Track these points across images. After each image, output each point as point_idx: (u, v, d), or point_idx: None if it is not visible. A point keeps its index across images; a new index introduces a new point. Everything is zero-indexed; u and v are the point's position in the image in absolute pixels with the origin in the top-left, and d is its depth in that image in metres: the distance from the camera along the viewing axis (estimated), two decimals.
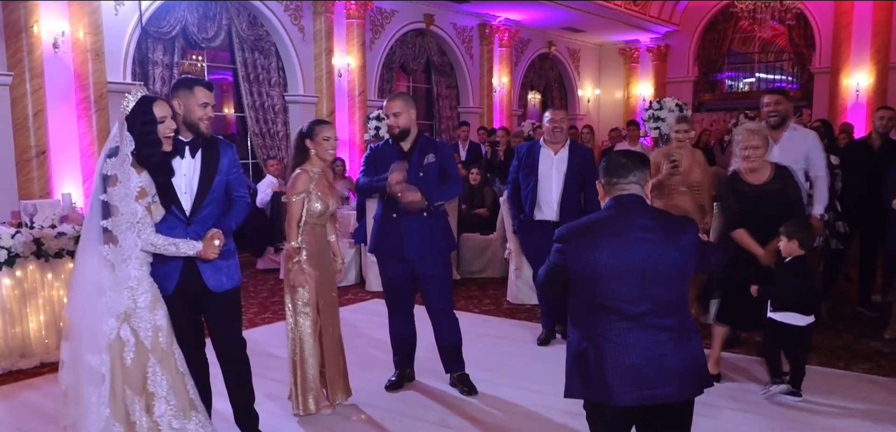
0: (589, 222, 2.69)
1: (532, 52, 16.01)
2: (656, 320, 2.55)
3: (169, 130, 3.35)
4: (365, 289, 7.98)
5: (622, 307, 2.55)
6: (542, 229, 5.50)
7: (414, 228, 4.52)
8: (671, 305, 2.58)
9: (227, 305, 3.75)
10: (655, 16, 16.11)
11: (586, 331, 2.62)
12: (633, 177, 2.67)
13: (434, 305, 4.70)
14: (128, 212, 3.23)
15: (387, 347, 4.95)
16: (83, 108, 8.29)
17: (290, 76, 11.09)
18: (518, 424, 4.26)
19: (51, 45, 7.96)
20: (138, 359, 3.28)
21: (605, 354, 2.55)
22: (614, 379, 2.53)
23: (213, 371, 3.93)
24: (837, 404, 4.46)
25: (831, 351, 5.28)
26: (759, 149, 4.51)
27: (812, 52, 15.41)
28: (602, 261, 2.55)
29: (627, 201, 2.65)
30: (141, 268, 3.33)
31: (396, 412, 4.43)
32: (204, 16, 9.77)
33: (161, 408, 3.30)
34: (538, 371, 5.16)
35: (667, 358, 2.54)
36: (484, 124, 13.48)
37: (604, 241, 2.57)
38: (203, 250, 3.43)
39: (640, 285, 2.54)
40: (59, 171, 8.13)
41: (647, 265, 2.55)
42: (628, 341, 2.54)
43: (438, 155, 4.62)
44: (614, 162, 2.71)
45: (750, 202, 4.55)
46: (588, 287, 2.59)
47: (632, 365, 2.53)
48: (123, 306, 3.25)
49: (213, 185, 3.62)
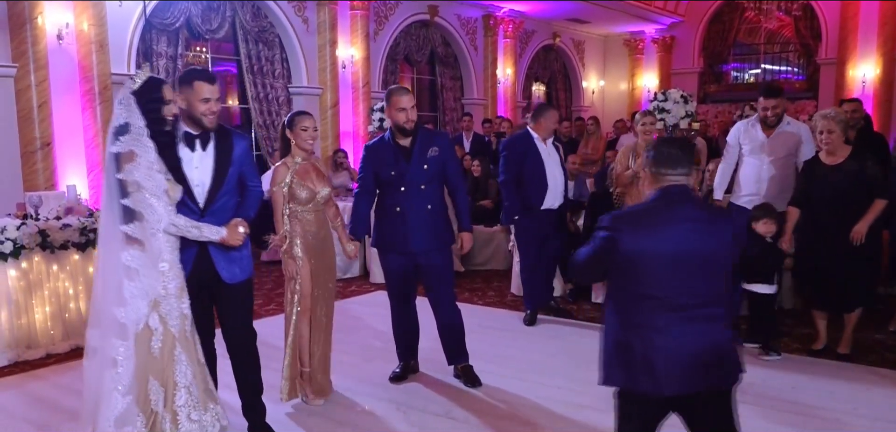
0: (639, 210, 2.71)
1: (536, 43, 15.96)
2: (703, 310, 2.57)
3: (170, 114, 3.37)
4: (369, 281, 7.99)
5: (670, 296, 2.56)
6: (543, 216, 5.95)
7: (417, 221, 4.52)
8: (716, 295, 2.61)
9: (239, 296, 3.76)
10: (661, 7, 16.03)
11: (630, 320, 2.62)
12: (683, 169, 2.66)
13: (437, 297, 4.70)
14: (151, 185, 3.20)
15: (390, 339, 4.96)
16: (87, 100, 8.30)
17: (294, 68, 11.08)
18: (522, 415, 4.26)
19: (55, 36, 7.96)
20: (165, 348, 3.28)
21: (654, 344, 2.55)
22: (663, 368, 2.53)
23: (220, 363, 3.94)
24: (841, 396, 4.45)
25: (836, 343, 5.27)
26: (834, 133, 4.85)
27: (818, 44, 15.32)
28: (652, 249, 2.56)
29: (676, 192, 2.64)
30: (173, 253, 3.33)
31: (401, 403, 4.44)
32: (208, 7, 9.77)
33: (182, 398, 3.30)
34: (542, 362, 5.17)
35: (713, 348, 2.57)
36: (488, 116, 13.45)
37: (654, 230, 2.58)
38: (227, 236, 3.45)
39: (690, 275, 2.56)
40: (64, 163, 8.14)
41: (697, 256, 2.57)
42: (677, 331, 2.55)
43: (442, 149, 4.60)
44: (665, 153, 2.69)
45: (825, 181, 4.93)
46: (635, 275, 2.59)
47: (680, 354, 2.54)
48: (155, 292, 3.25)
49: (228, 176, 3.62)
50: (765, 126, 5.35)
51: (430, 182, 4.54)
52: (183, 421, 3.29)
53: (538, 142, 5.97)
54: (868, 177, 4.85)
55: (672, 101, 8.76)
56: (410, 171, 4.50)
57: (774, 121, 5.31)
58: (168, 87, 3.39)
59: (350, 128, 11.61)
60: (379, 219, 4.70)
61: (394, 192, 4.53)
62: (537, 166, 5.89)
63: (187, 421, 3.30)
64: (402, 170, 4.51)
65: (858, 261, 4.93)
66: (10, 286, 5.31)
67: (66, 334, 5.57)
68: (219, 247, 3.59)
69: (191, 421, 3.31)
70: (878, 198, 4.85)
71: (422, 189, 4.52)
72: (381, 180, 4.60)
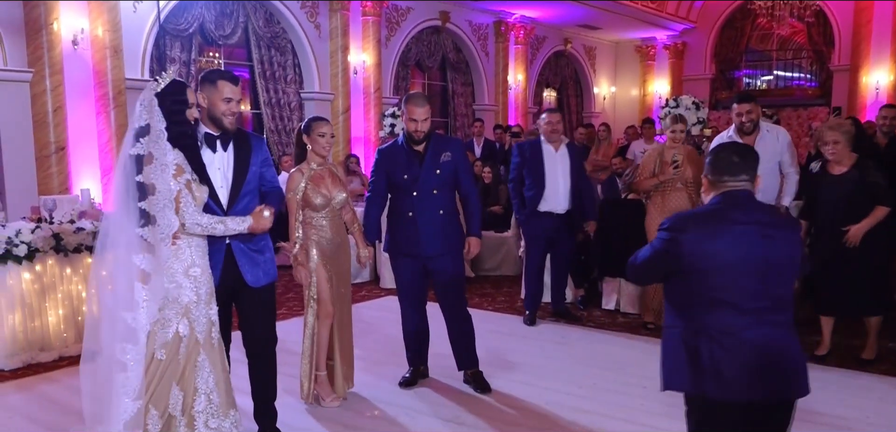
0: (704, 212, 2.64)
1: (548, 49, 15.96)
2: (772, 316, 2.53)
3: (191, 118, 3.37)
4: (379, 286, 8.01)
5: (739, 301, 2.50)
6: (546, 218, 6.10)
7: (429, 226, 4.53)
8: (785, 301, 2.57)
9: (262, 300, 3.76)
10: (672, 13, 16.00)
11: (696, 324, 2.56)
12: (746, 175, 2.61)
13: (447, 302, 4.71)
14: (165, 190, 3.18)
15: (400, 344, 4.97)
16: (102, 105, 8.39)
17: (306, 73, 11.15)
18: (531, 421, 4.26)
19: (70, 42, 8.07)
20: (190, 354, 3.29)
21: (723, 349, 2.49)
22: (732, 374, 2.48)
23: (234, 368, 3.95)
24: (852, 404, 4.43)
25: (848, 352, 5.24)
26: (838, 143, 4.94)
27: (831, 50, 15.24)
28: (720, 253, 2.50)
29: (741, 197, 2.59)
30: (203, 258, 3.34)
31: (410, 408, 4.45)
32: (221, 13, 9.85)
33: (201, 404, 3.30)
34: (551, 367, 5.17)
35: (783, 355, 2.53)
36: (499, 122, 13.45)
37: (721, 233, 2.52)
38: (254, 223, 3.43)
39: (759, 280, 2.50)
40: (78, 167, 8.23)
41: (767, 260, 2.51)
42: (746, 337, 2.49)
43: (454, 154, 4.62)
44: (725, 160, 2.64)
45: (830, 190, 5.03)
46: (702, 279, 2.52)
47: (750, 361, 2.48)
48: (186, 298, 3.25)
49: (249, 176, 3.64)
50: (742, 134, 5.37)
51: (441, 187, 4.55)
52: (199, 428, 3.29)
53: (545, 146, 6.10)
54: (868, 184, 4.92)
55: (684, 107, 8.74)
56: (422, 176, 4.51)
57: (750, 128, 5.35)
58: (191, 90, 3.40)
59: (361, 134, 11.66)
60: (391, 224, 4.72)
61: (406, 197, 4.55)
62: (537, 169, 6.06)
63: (204, 427, 3.29)
64: (415, 174, 4.52)
65: (867, 266, 4.96)
66: (23, 289, 5.36)
67: (79, 337, 5.59)
68: (243, 249, 3.59)
69: (208, 428, 3.30)
70: (879, 206, 4.92)
71: (434, 194, 4.53)
72: (393, 184, 4.62)
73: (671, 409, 4.33)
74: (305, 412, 4.39)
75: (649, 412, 4.34)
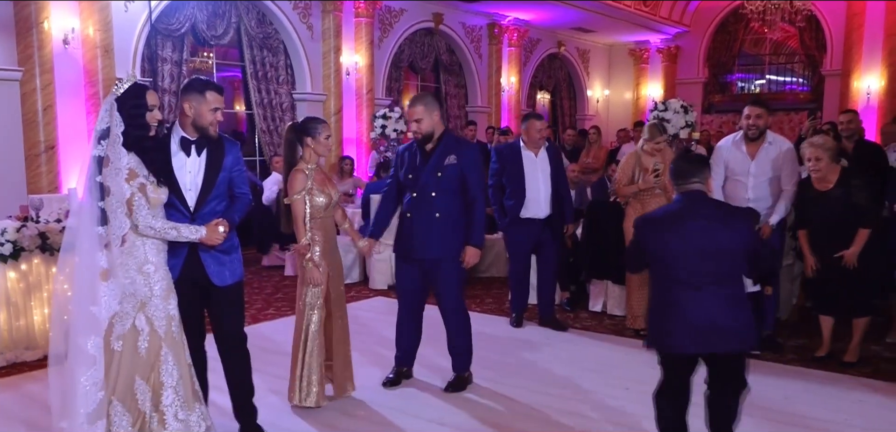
0: (661, 214, 3.49)
1: (541, 51, 16.00)
2: (715, 289, 3.22)
3: (154, 120, 3.42)
4: (369, 287, 8.02)
5: (688, 279, 3.23)
6: (529, 226, 5.98)
7: (423, 229, 4.52)
8: (730, 277, 3.27)
9: (229, 299, 3.80)
10: (665, 16, 16.06)
11: (662, 298, 3.34)
12: (696, 178, 3.36)
13: (442, 308, 4.71)
14: (118, 192, 3.29)
15: (390, 345, 4.99)
16: (92, 104, 8.38)
17: (298, 74, 11.16)
18: (516, 423, 4.27)
19: (61, 41, 8.06)
20: (151, 348, 3.35)
21: (676, 314, 3.26)
22: (679, 332, 3.26)
23: (212, 365, 3.98)
24: (835, 406, 4.45)
25: (831, 355, 5.26)
26: (821, 160, 4.95)
27: (823, 55, 15.32)
28: (671, 242, 3.28)
29: (693, 195, 3.34)
30: (158, 254, 3.40)
31: (394, 408, 4.46)
32: (213, 13, 9.85)
33: (169, 398, 3.37)
34: (537, 369, 5.19)
35: (719, 319, 3.21)
36: (492, 124, 13.49)
37: (672, 229, 3.29)
38: (207, 236, 3.49)
39: (706, 262, 3.21)
40: (68, 167, 8.22)
41: (713, 247, 3.22)
42: (692, 304, 3.22)
43: (461, 158, 4.52)
44: (680, 167, 3.43)
45: (814, 207, 5.07)
46: (661, 263, 3.33)
47: (693, 323, 3.22)
48: (140, 293, 3.32)
49: (218, 181, 3.66)
50: (747, 140, 5.32)
51: (442, 191, 4.48)
52: (170, 421, 3.36)
53: (524, 151, 5.96)
54: (853, 204, 4.93)
55: (672, 111, 8.76)
56: (422, 178, 4.51)
57: (755, 134, 5.27)
58: (152, 92, 3.45)
59: (354, 135, 11.67)
60: (397, 225, 4.74)
61: (407, 197, 4.59)
62: (517, 175, 5.91)
63: (174, 420, 3.37)
64: (416, 175, 4.53)
65: (858, 269, 4.99)
66: (8, 287, 5.35)
67: (65, 337, 5.60)
68: (207, 251, 3.63)
69: (177, 421, 3.38)
70: (862, 228, 4.94)
71: (432, 196, 4.49)
72: (401, 184, 4.66)
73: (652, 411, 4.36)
74: (289, 411, 4.38)
75: (631, 414, 4.36)
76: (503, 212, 6.04)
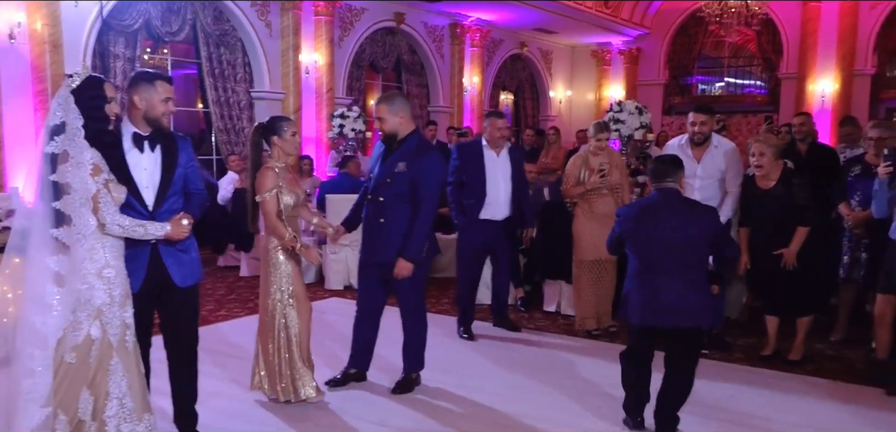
0: (638, 207, 4.06)
1: (504, 52, 16.03)
2: (677, 274, 3.78)
3: (112, 113, 3.30)
4: (324, 287, 7.95)
5: (656, 264, 3.82)
6: (486, 228, 5.82)
7: (370, 231, 4.52)
8: (691, 265, 3.82)
9: (188, 300, 3.72)
10: (627, 18, 16.19)
11: (634, 279, 3.92)
12: (670, 178, 3.89)
13: (401, 305, 4.71)
14: (82, 189, 3.10)
15: (344, 345, 4.94)
16: (40, 101, 8.17)
17: (256, 72, 11.02)
18: (461, 424, 4.25)
19: (6, 36, 7.84)
20: (102, 357, 3.20)
21: (645, 294, 3.85)
22: (639, 307, 3.87)
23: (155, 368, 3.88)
24: (777, 405, 4.51)
25: (777, 354, 5.33)
26: (765, 155, 5.06)
27: (779, 58, 15.58)
28: (646, 232, 3.84)
29: (667, 192, 3.88)
30: (118, 259, 3.26)
31: (337, 410, 4.39)
32: (168, 9, 9.67)
33: (113, 409, 3.22)
34: (484, 370, 5.18)
35: (674, 298, 3.77)
36: (454, 124, 13.48)
37: (646, 220, 3.86)
38: (172, 231, 3.37)
39: (671, 252, 3.78)
40: (14, 165, 8.01)
41: (677, 236, 3.76)
42: (661, 286, 3.80)
43: (412, 167, 4.38)
44: (656, 168, 4.00)
45: (757, 204, 5.17)
46: (635, 250, 3.92)
47: (662, 302, 3.79)
48: (98, 300, 3.16)
49: (174, 178, 3.57)
50: (693, 145, 5.40)
51: (391, 196, 4.43)
52: None
53: (487, 151, 5.82)
54: (794, 202, 5.02)
55: (627, 112, 8.84)
56: (374, 180, 4.49)
57: (700, 140, 5.36)
58: (109, 84, 3.33)
59: (313, 134, 11.56)
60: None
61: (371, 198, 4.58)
62: (478, 174, 5.75)
63: None
64: (374, 175, 4.53)
65: (798, 269, 5.06)
66: None
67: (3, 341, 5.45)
68: (170, 250, 3.54)
69: None
70: (800, 226, 5.02)
71: (379, 201, 4.46)
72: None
73: (600, 410, 4.38)
74: (232, 415, 4.29)
75: (578, 414, 4.38)
76: (461, 210, 5.84)
